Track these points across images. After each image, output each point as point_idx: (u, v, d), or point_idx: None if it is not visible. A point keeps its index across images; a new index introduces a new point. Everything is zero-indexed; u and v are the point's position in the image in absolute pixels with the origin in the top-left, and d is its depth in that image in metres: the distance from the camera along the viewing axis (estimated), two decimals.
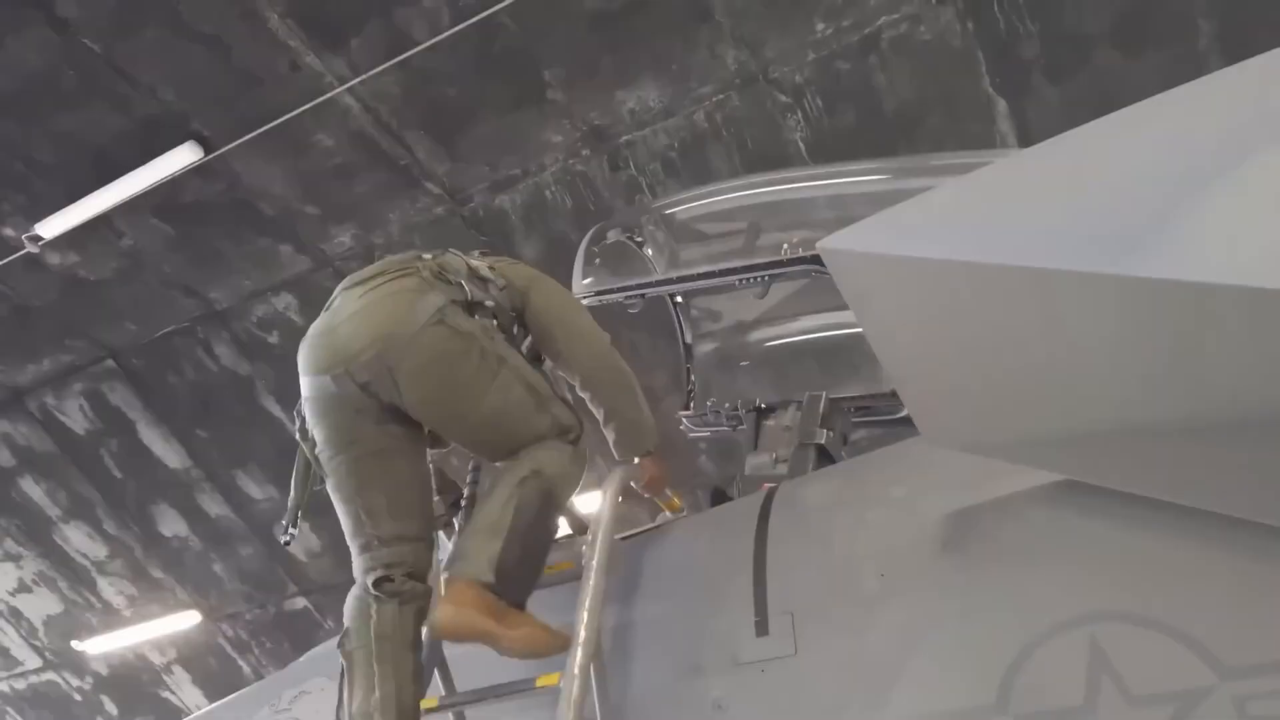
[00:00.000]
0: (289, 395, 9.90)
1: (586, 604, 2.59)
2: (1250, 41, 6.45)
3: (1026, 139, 7.22)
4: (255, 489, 10.80)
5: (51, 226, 8.56)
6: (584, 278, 4.25)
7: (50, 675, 13.50)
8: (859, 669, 2.48)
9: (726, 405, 4.66)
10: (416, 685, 2.67)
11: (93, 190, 8.31)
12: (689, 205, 4.42)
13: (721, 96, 7.55)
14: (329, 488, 3.11)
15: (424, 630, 2.81)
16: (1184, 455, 2.00)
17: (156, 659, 12.82)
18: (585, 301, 4.22)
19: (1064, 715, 2.20)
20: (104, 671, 13.18)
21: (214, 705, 4.25)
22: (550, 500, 2.86)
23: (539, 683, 2.54)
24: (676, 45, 7.30)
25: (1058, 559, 2.35)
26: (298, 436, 3.16)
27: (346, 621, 2.87)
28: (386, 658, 2.64)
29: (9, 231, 8.86)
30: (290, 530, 3.16)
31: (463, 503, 3.37)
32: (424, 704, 2.68)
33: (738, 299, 4.64)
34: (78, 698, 13.63)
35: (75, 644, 12.77)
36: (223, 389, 10.12)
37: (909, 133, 7.41)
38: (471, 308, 2.94)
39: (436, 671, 2.94)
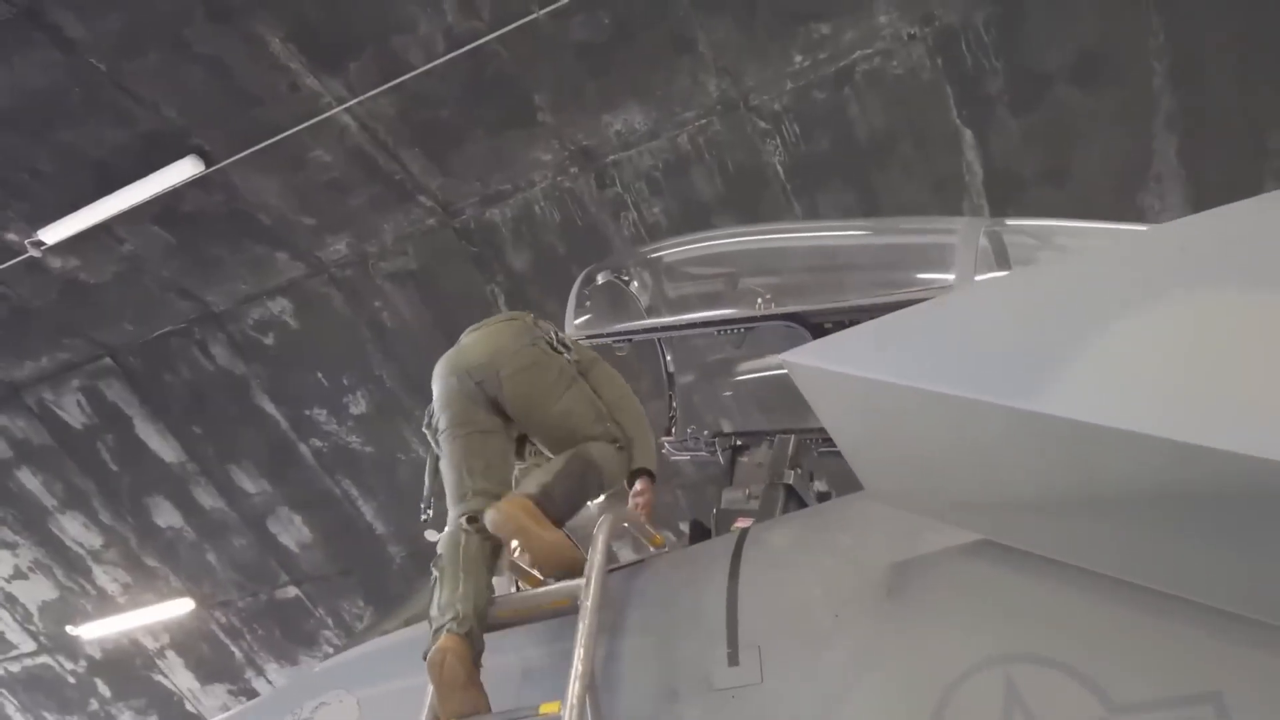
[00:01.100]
0: (283, 395, 10.30)
1: (583, 640, 3.01)
2: (1200, 80, 6.92)
3: (990, 167, 7.66)
4: (248, 483, 11.15)
5: (54, 233, 8.84)
6: (576, 318, 4.62)
7: (44, 659, 13.84)
8: (815, 698, 2.91)
9: (705, 432, 5.06)
10: (489, 591, 3.39)
11: (94, 200, 8.59)
12: (673, 252, 4.81)
13: (704, 121, 7.93)
14: (443, 456, 3.77)
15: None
16: (1075, 525, 2.45)
17: (150, 644, 13.19)
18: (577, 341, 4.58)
19: None
20: (98, 655, 13.54)
21: (234, 711, 4.63)
22: (593, 468, 3.71)
23: (542, 709, 2.95)
24: (661, 73, 7.66)
25: (978, 605, 2.79)
26: (425, 430, 4.01)
27: (440, 550, 3.57)
28: (470, 570, 3.38)
29: (12, 236, 9.12)
30: (426, 511, 4.16)
31: None
32: None
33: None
34: (71, 680, 13.98)
35: (70, 629, 13.10)
36: (218, 387, 10.45)
37: (880, 159, 7.82)
38: (555, 348, 3.88)
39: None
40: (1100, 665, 2.55)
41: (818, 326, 4.01)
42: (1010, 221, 3.97)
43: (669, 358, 5.41)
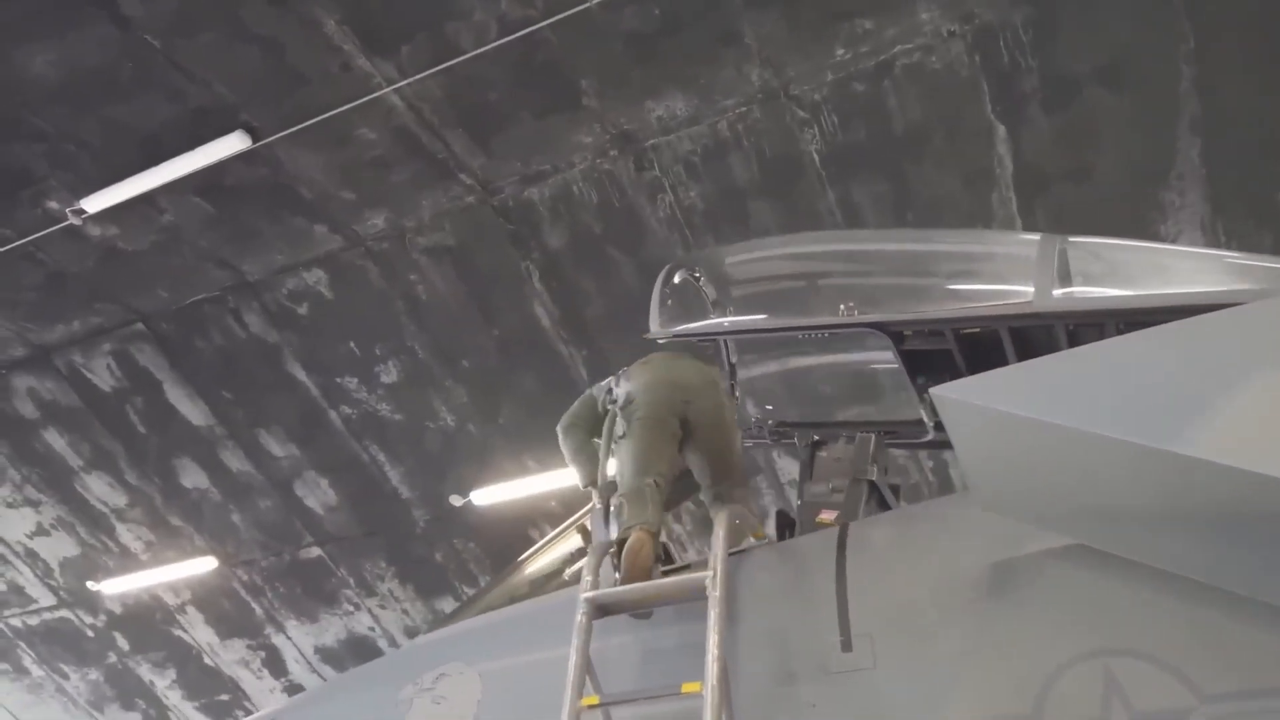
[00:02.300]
0: (314, 363, 10.54)
1: (716, 626, 3.36)
2: (1226, 85, 7.24)
3: (1020, 162, 7.97)
4: (276, 447, 11.41)
5: (96, 202, 8.96)
6: (660, 317, 4.87)
7: (64, 613, 14.12)
8: (925, 684, 3.29)
9: (770, 422, 5.38)
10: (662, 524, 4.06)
11: (139, 171, 8.72)
12: (752, 255, 5.09)
13: (744, 109, 8.17)
14: (633, 434, 4.31)
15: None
16: (1172, 536, 2.83)
17: (171, 600, 13.50)
18: (661, 341, 4.87)
19: None
20: (118, 610, 13.83)
21: (345, 675, 4.95)
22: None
23: (684, 689, 3.31)
24: (705, 63, 7.88)
25: (1076, 603, 3.17)
26: (611, 405, 4.60)
27: (623, 493, 4.12)
28: (655, 506, 4.05)
29: (53, 205, 9.23)
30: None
31: None
32: (585, 701, 3.44)
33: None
34: (90, 634, 14.28)
35: (91, 584, 13.38)
36: (250, 354, 10.66)
37: (915, 151, 8.11)
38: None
39: (588, 675, 3.63)
40: (1192, 660, 2.93)
41: (899, 335, 4.33)
42: (1085, 240, 4.27)
43: (731, 349, 5.67)
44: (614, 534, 4.03)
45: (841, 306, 4.48)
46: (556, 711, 3.71)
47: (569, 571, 4.66)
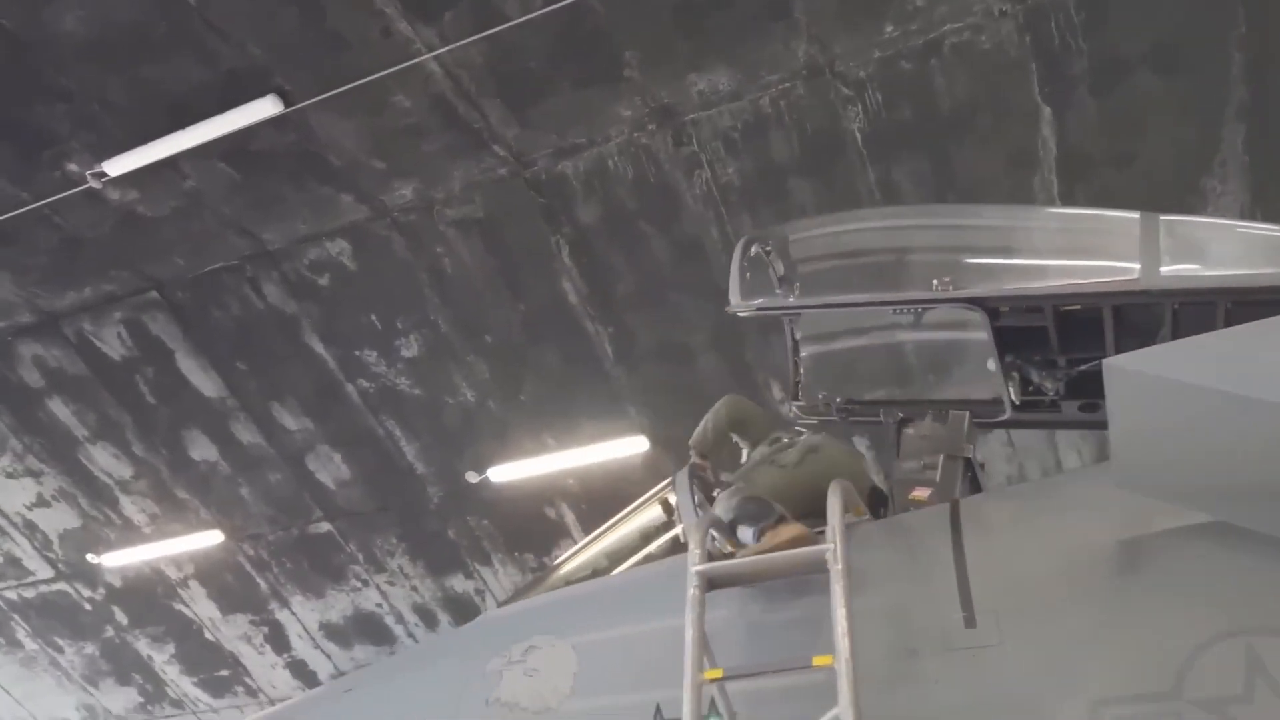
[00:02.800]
0: (333, 335, 10.40)
1: (842, 599, 3.31)
2: (1271, 73, 7.24)
3: (1065, 145, 7.95)
4: (290, 420, 11.24)
5: (118, 165, 8.74)
6: (740, 290, 4.79)
7: (61, 585, 13.89)
8: (1056, 662, 3.26)
9: (838, 400, 5.32)
10: None
11: (164, 134, 8.50)
12: (833, 230, 5.03)
13: (787, 85, 8.08)
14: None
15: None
16: None
17: (173, 574, 13.31)
18: (743, 315, 4.80)
19: (1226, 703, 3.02)
20: (117, 584, 13.63)
21: (405, 652, 4.86)
22: None
23: (815, 662, 3.26)
24: (752, 37, 7.77)
25: (1216, 580, 3.15)
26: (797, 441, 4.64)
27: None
28: None
29: (73, 167, 8.99)
30: None
31: None
32: (708, 675, 3.39)
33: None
34: (87, 607, 14.07)
35: (91, 557, 13.17)
36: (267, 325, 10.47)
37: (959, 131, 8.06)
38: None
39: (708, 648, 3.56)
40: None
41: (995, 311, 4.29)
42: (1180, 218, 4.24)
43: (795, 325, 5.61)
44: (719, 512, 3.99)
45: (935, 282, 4.44)
46: (661, 684, 3.68)
47: (656, 545, 4.58)
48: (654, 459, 10.56)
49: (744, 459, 4.94)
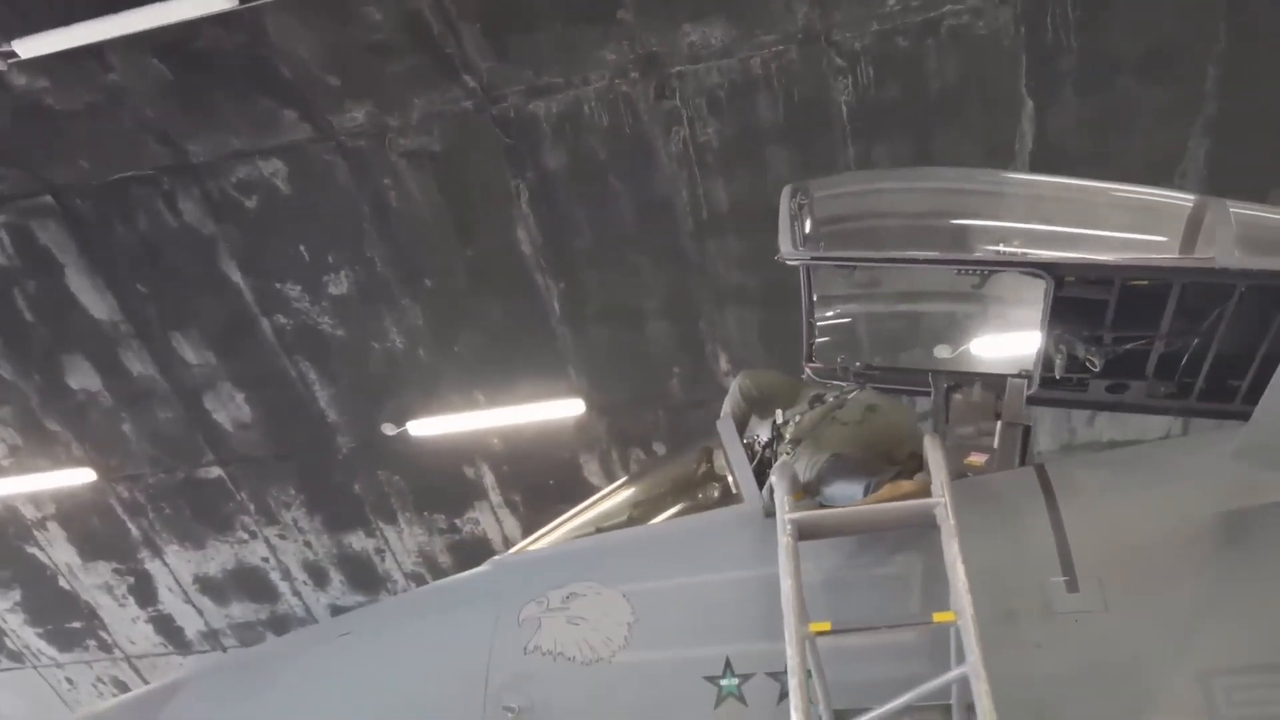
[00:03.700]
0: (254, 263, 9.61)
1: (959, 555, 3.13)
2: (1241, 93, 7.53)
3: (1042, 141, 8.07)
4: (191, 352, 10.32)
5: (31, 46, 7.69)
6: (792, 239, 4.54)
7: None
8: (1162, 630, 3.17)
9: (857, 364, 5.16)
10: None
11: (92, 17, 7.54)
12: (888, 186, 4.84)
13: (781, 48, 7.89)
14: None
15: None
16: None
17: (30, 513, 12.06)
18: (794, 263, 4.56)
19: None
20: None
21: (411, 595, 4.41)
22: None
23: (936, 618, 3.07)
24: None
25: None
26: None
27: None
28: None
29: None
30: None
31: None
32: (814, 628, 3.14)
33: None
34: None
35: None
36: (178, 246, 9.54)
37: (944, 115, 8.07)
38: None
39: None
40: None
41: (1061, 280, 4.20)
42: (1251, 206, 4.26)
43: (813, 286, 5.41)
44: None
45: (1000, 246, 4.32)
46: (729, 638, 3.44)
47: (702, 493, 4.30)
48: (588, 424, 10.24)
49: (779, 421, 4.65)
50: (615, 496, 4.60)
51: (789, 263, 4.64)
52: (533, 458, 10.60)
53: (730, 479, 4.11)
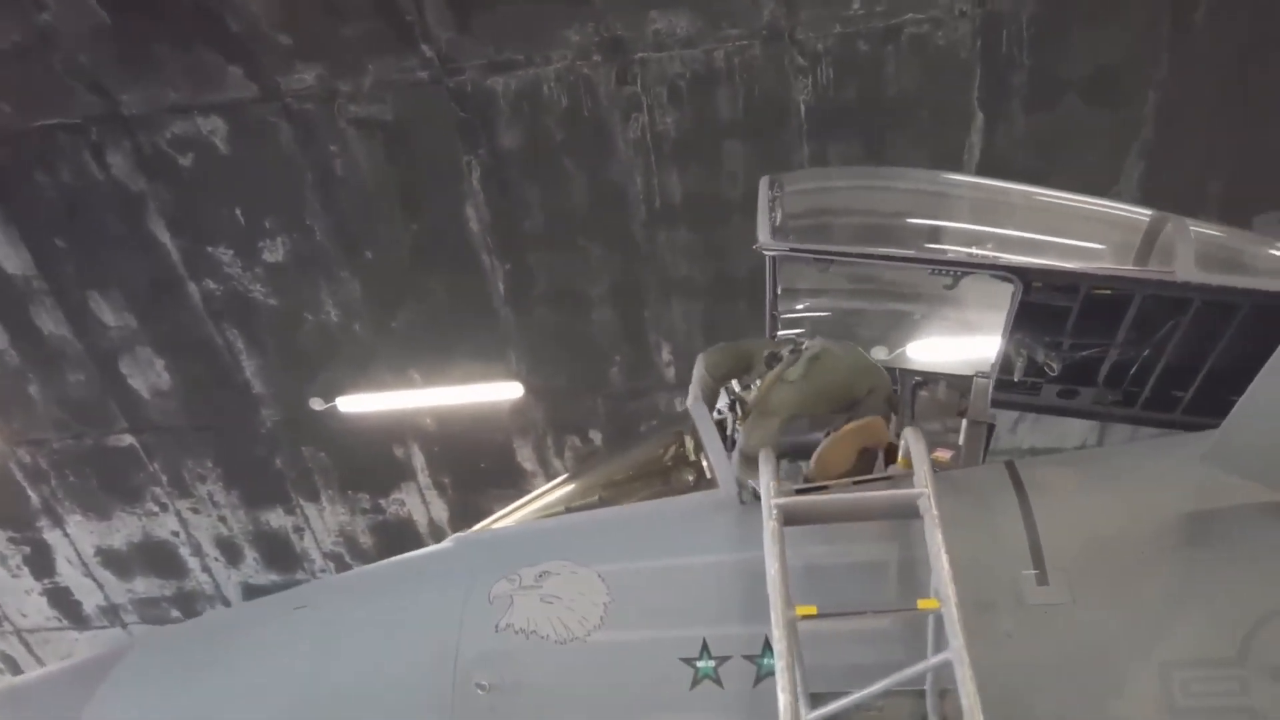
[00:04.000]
0: (184, 224, 9.25)
1: (942, 544, 3.19)
2: (1177, 120, 7.87)
3: (989, 153, 8.30)
4: (109, 314, 9.84)
5: None
6: (771, 230, 4.56)
7: None
8: (1127, 622, 3.30)
9: None
10: None
11: None
12: (866, 184, 4.90)
13: (745, 43, 7.93)
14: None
15: None
16: None
17: None
18: (771, 254, 4.58)
19: None
20: None
21: (366, 570, 4.29)
22: None
23: (920, 605, 3.12)
24: None
25: (1272, 554, 3.29)
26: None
27: None
28: None
29: None
30: None
31: None
32: (801, 611, 3.15)
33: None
34: None
35: None
36: (103, 201, 9.09)
37: (898, 121, 8.22)
38: None
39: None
40: None
41: (1029, 285, 4.32)
42: (1210, 226, 4.46)
43: (778, 278, 5.47)
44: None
45: (973, 249, 4.43)
46: (706, 620, 3.46)
47: (673, 476, 4.28)
48: (525, 408, 10.14)
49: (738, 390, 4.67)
50: (582, 478, 4.55)
51: (766, 253, 4.67)
52: (466, 440, 10.45)
53: (705, 464, 4.10)
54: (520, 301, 9.42)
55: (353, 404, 10.17)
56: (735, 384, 4.74)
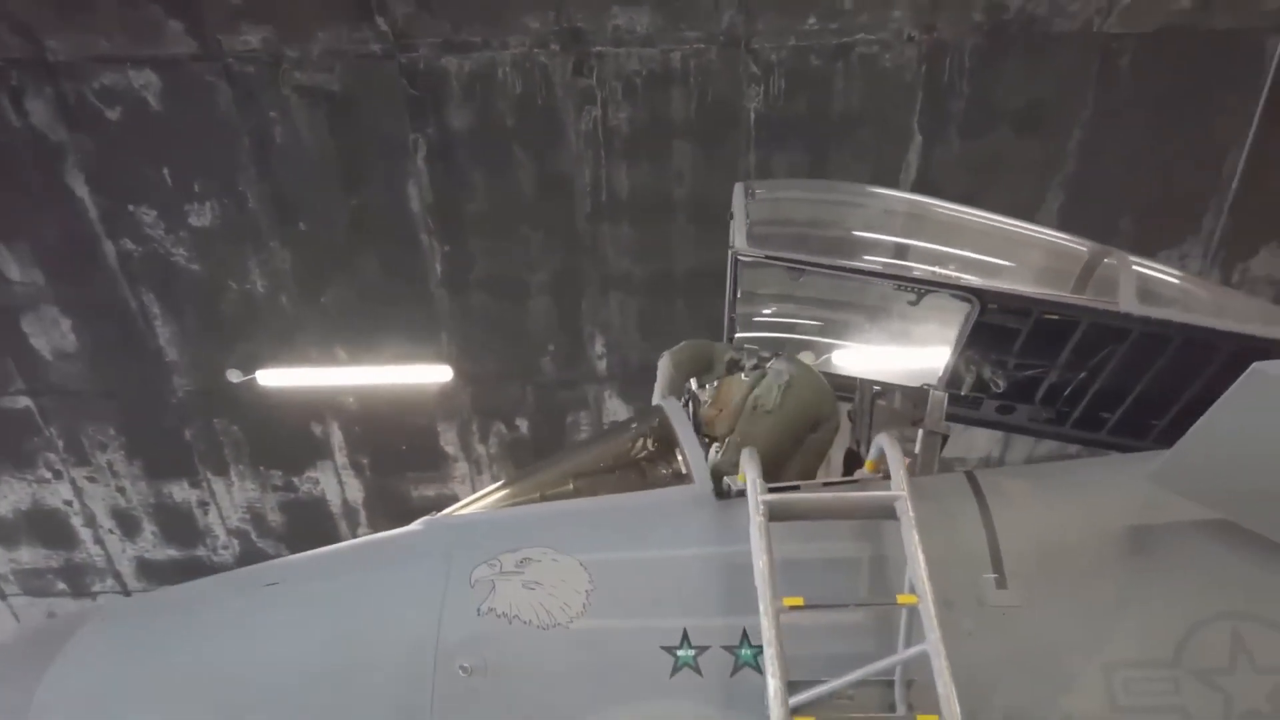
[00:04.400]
0: (106, 180, 8.93)
1: (919, 544, 3.40)
2: (1097, 157, 8.38)
3: (924, 175, 8.66)
4: (15, 268, 9.33)
5: None
6: (748, 236, 4.70)
7: None
8: (1078, 625, 3.57)
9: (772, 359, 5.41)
10: None
11: None
12: (850, 198, 5.10)
13: (703, 46, 8.08)
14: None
15: None
16: None
17: None
18: (747, 260, 4.73)
19: (1214, 673, 3.48)
20: None
21: (329, 551, 4.24)
22: None
23: (900, 599, 3.31)
24: None
25: (1218, 569, 3.62)
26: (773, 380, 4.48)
27: None
28: None
29: None
30: None
31: None
32: (788, 602, 3.30)
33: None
34: None
35: None
36: (18, 149, 8.60)
37: (842, 136, 8.51)
38: None
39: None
40: None
41: (985, 306, 4.61)
42: (1153, 264, 4.83)
43: (740, 283, 5.63)
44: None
45: (937, 268, 4.69)
46: (687, 611, 3.61)
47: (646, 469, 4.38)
48: (452, 392, 10.08)
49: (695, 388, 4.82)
50: (549, 469, 4.61)
51: (742, 259, 4.82)
52: (388, 421, 10.32)
53: (681, 459, 4.22)
54: (457, 284, 9.36)
55: (273, 378, 9.92)
56: (693, 382, 4.89)
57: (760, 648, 3.45)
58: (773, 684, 3.15)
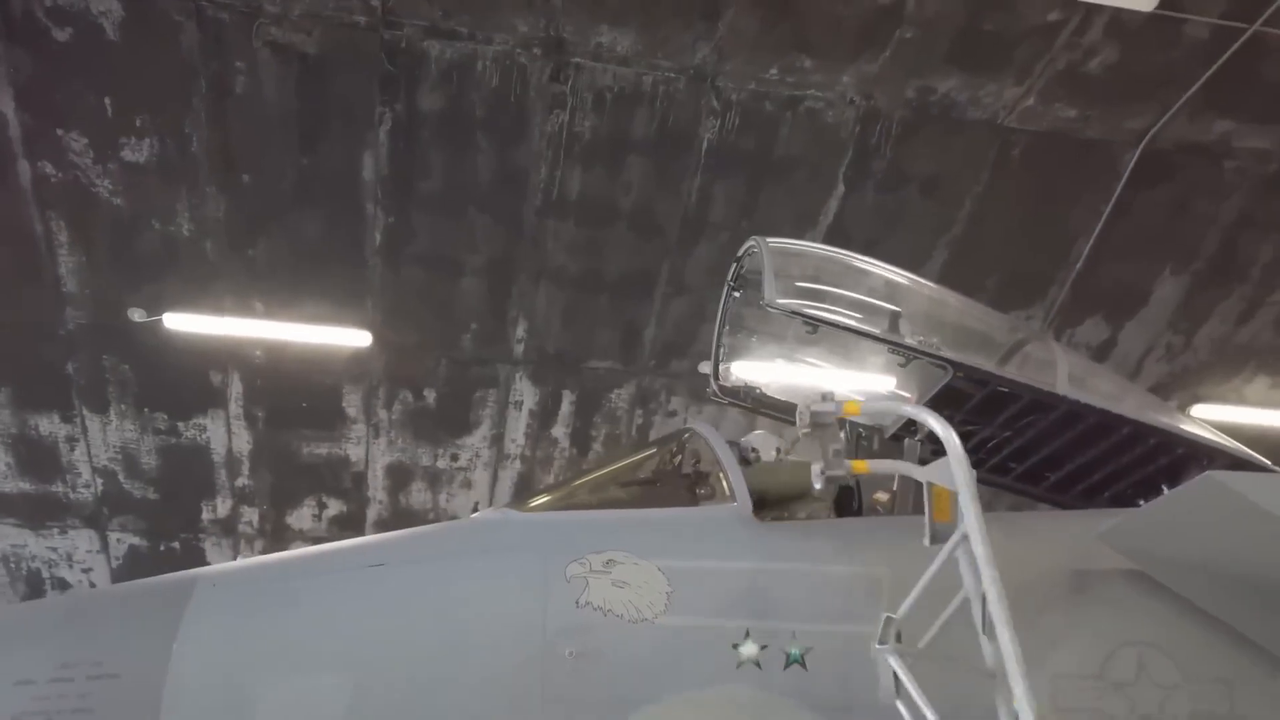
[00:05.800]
0: (35, 98, 8.74)
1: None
2: (981, 225, 9.79)
3: (839, 221, 9.75)
4: None
5: None
6: (778, 289, 5.46)
7: None
8: (1032, 644, 4.64)
9: (757, 390, 6.29)
10: None
11: None
12: (861, 267, 5.95)
13: (673, 76, 8.74)
14: None
15: None
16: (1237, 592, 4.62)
17: None
18: (776, 311, 5.49)
19: (1124, 685, 4.68)
20: None
21: (430, 533, 4.67)
22: None
23: None
24: (676, 19, 8.29)
25: (1128, 607, 4.82)
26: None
27: None
28: None
29: None
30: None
31: None
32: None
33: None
34: None
35: None
36: None
37: (775, 177, 9.44)
38: None
39: None
40: (1184, 653, 4.75)
41: (955, 375, 5.66)
42: (1084, 359, 6.03)
43: (728, 312, 6.42)
44: None
45: (921, 338, 5.69)
46: (748, 615, 4.40)
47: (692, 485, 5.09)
48: (365, 358, 10.25)
49: None
50: (600, 471, 5.25)
51: (771, 310, 5.59)
52: (294, 378, 10.34)
53: (724, 481, 4.97)
54: (393, 255, 9.55)
55: (181, 322, 9.70)
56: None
57: (809, 648, 4.30)
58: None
